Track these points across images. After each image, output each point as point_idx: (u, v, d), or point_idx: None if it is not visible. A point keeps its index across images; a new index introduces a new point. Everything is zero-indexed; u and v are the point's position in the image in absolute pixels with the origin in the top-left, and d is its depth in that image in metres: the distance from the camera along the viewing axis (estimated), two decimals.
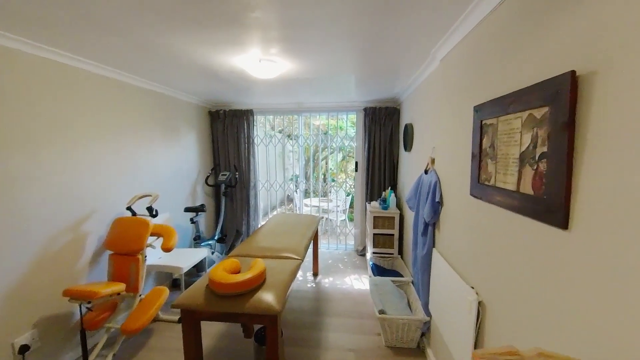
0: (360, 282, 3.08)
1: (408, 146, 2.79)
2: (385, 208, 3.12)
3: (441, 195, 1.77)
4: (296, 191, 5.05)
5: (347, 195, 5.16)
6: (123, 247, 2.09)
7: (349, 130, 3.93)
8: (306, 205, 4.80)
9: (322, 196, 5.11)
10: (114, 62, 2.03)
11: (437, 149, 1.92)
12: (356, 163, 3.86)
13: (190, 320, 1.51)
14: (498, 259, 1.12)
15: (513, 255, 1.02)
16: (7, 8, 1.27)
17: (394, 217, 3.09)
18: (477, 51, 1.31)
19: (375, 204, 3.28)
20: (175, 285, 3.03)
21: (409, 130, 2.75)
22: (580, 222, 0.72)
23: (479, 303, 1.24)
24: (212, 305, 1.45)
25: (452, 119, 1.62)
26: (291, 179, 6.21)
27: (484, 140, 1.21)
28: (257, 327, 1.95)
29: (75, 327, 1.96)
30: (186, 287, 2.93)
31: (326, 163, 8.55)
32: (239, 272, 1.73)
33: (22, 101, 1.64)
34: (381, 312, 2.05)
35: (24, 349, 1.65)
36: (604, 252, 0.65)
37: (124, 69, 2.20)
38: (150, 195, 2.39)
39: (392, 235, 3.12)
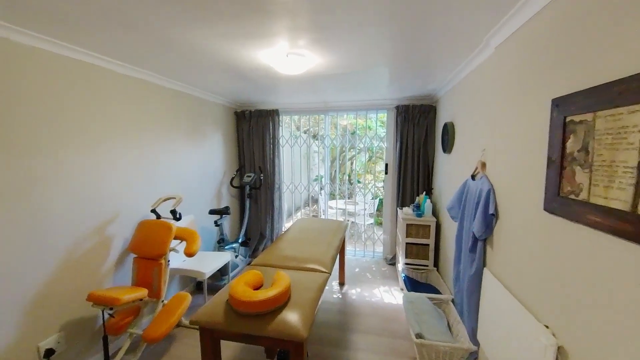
0: (390, 295, 2.83)
1: (447, 147, 2.50)
2: (420, 215, 2.84)
3: (496, 206, 1.50)
4: (321, 193, 4.88)
5: (374, 199, 4.90)
6: (146, 251, 2.04)
7: (378, 130, 3.69)
8: (331, 207, 4.61)
9: (347, 198, 4.91)
10: (137, 61, 1.98)
11: (490, 151, 1.64)
12: (386, 165, 3.60)
13: (209, 338, 1.39)
14: (590, 296, 0.85)
15: (617, 294, 0.76)
16: (30, 5, 1.21)
17: (429, 226, 2.81)
18: (558, 31, 1.04)
19: (408, 210, 3.01)
20: (199, 288, 2.99)
21: (448, 129, 2.46)
22: None
23: (558, 349, 0.97)
24: (233, 324, 1.31)
25: (514, 116, 1.35)
26: (315, 180, 6.06)
27: (570, 142, 0.95)
28: None
29: (99, 331, 1.93)
30: (209, 291, 2.87)
31: (351, 164, 8.32)
32: (261, 285, 1.59)
33: (47, 101, 1.62)
34: (419, 336, 1.81)
35: (49, 352, 1.63)
36: None
37: (149, 69, 2.15)
38: (174, 198, 2.33)
39: (427, 245, 2.84)
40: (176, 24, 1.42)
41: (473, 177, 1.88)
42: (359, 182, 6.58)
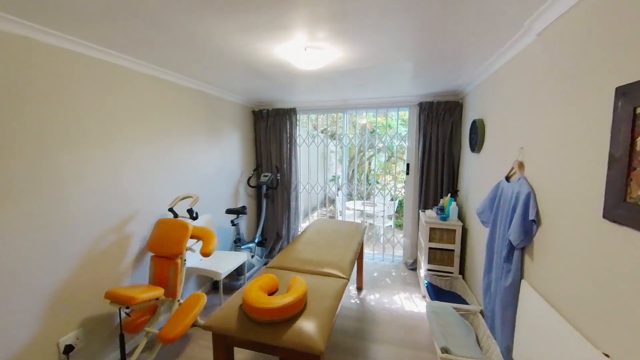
0: (412, 302, 2.68)
1: (476, 146, 2.32)
2: (444, 218, 2.67)
3: (537, 212, 1.33)
4: (338, 193, 4.78)
5: (392, 200, 4.72)
6: (163, 249, 2.03)
7: (399, 128, 3.53)
8: (348, 208, 4.49)
9: (365, 199, 4.76)
10: (156, 59, 1.97)
11: (530, 149, 1.47)
12: (407, 165, 3.43)
13: (222, 344, 1.33)
14: None
15: None
16: (57, 4, 1.21)
17: (454, 230, 2.63)
18: (625, 5, 0.88)
19: (431, 213, 2.84)
20: (215, 287, 2.98)
21: (478, 127, 2.28)
22: None
23: None
24: (246, 331, 1.24)
25: (563, 109, 1.18)
26: (332, 180, 5.95)
27: None
28: None
29: (117, 329, 1.94)
30: (225, 291, 2.85)
31: (369, 164, 8.13)
32: (276, 290, 1.51)
33: (71, 101, 1.63)
34: (444, 350, 1.66)
35: (68, 349, 1.64)
36: None
37: (169, 67, 2.14)
38: (191, 197, 2.32)
39: (452, 251, 2.66)
40: (193, 18, 1.37)
41: (508, 178, 1.71)
42: (377, 182, 6.41)
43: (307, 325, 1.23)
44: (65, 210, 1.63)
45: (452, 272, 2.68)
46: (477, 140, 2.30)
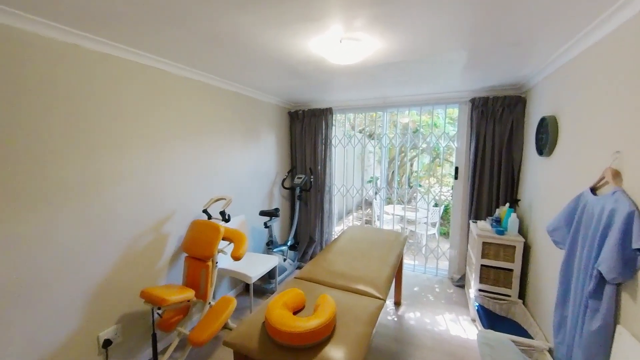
0: (458, 325, 2.35)
1: (546, 149, 1.93)
2: (501, 232, 2.29)
3: None
4: (376, 197, 4.52)
5: (435, 206, 4.31)
6: (196, 251, 2.04)
7: (447, 127, 3.17)
8: (387, 213, 4.21)
9: (406, 204, 4.43)
10: (191, 61, 1.97)
11: (630, 154, 1.12)
12: (456, 168, 3.07)
13: None
14: None
15: None
16: (101, 11, 1.23)
17: (514, 247, 2.24)
18: None
19: (484, 224, 2.47)
20: (248, 289, 2.98)
21: (548, 125, 1.89)
22: None
23: None
24: (268, 354, 1.13)
25: None
26: (369, 182, 5.67)
27: None
28: None
29: (152, 327, 2.00)
30: (257, 294, 2.83)
31: (411, 165, 7.64)
32: (302, 308, 1.38)
33: (114, 104, 1.70)
34: None
35: (107, 343, 1.72)
36: None
37: (204, 69, 2.15)
38: (225, 199, 2.31)
39: (511, 271, 2.27)
40: (221, 13, 1.31)
41: (594, 190, 1.35)
42: (419, 186, 5.96)
43: (335, 355, 1.07)
44: (109, 210, 1.70)
45: (509, 296, 2.29)
46: (547, 142, 1.91)
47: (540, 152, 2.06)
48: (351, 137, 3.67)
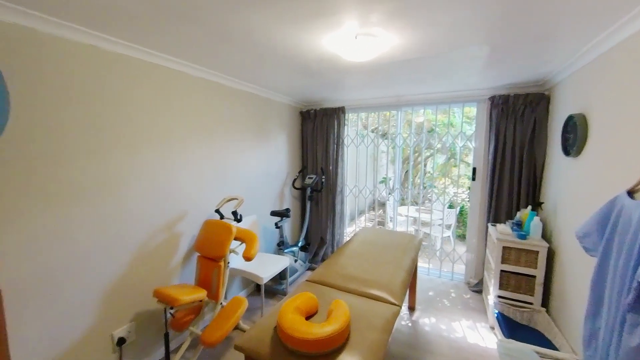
0: (476, 333, 2.25)
1: (574, 149, 1.81)
2: (523, 236, 2.18)
3: None
4: (389, 198, 4.43)
5: (451, 208, 4.18)
6: (208, 250, 2.03)
7: (464, 126, 3.06)
8: (400, 214, 4.12)
9: (421, 204, 4.32)
10: (203, 60, 1.96)
11: None
12: (474, 169, 2.95)
13: None
14: None
15: None
16: (119, 13, 1.24)
17: (537, 252, 2.12)
18: None
19: (504, 227, 2.36)
20: (259, 289, 2.96)
21: (576, 124, 1.77)
22: None
23: None
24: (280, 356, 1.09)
25: None
26: (381, 182, 5.56)
27: None
28: None
29: (164, 326, 2.01)
30: (268, 295, 2.81)
31: (424, 166, 7.47)
32: (315, 312, 1.34)
33: (127, 105, 1.71)
34: None
35: (121, 341, 1.73)
36: None
37: (216, 69, 2.14)
38: (237, 199, 2.30)
39: (533, 277, 2.16)
40: (234, 10, 1.28)
41: (631, 193, 1.25)
42: (433, 187, 5.81)
43: (352, 355, 1.03)
44: (123, 209, 1.72)
45: (531, 303, 2.17)
46: (575, 141, 1.79)
47: (567, 152, 1.94)
48: (364, 137, 3.60)
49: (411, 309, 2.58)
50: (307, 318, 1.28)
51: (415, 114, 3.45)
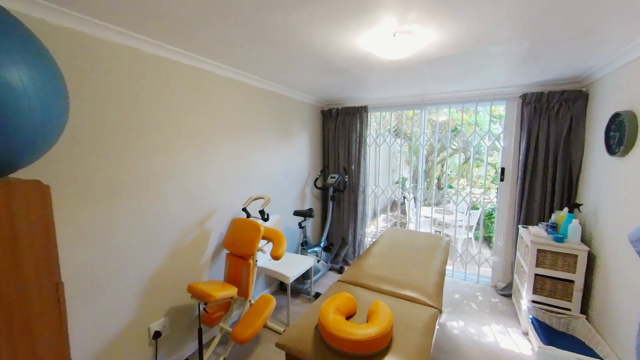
0: (509, 338, 2.18)
1: (621, 148, 1.72)
2: (560, 239, 2.09)
3: None
4: (412, 198, 4.35)
5: (475, 209, 4.07)
6: (237, 248, 2.06)
7: (490, 125, 2.97)
8: (426, 217, 4.04)
9: (436, 205, 4.23)
10: (236, 61, 1.99)
11: None
12: (502, 170, 2.86)
13: None
14: None
15: None
16: (156, 14, 1.26)
17: (576, 256, 2.03)
18: None
19: (538, 230, 2.27)
20: (282, 288, 2.98)
21: (624, 122, 1.68)
22: None
23: None
24: (323, 356, 1.08)
25: None
26: (397, 183, 5.48)
27: None
28: None
29: (195, 320, 2.04)
30: (291, 294, 2.82)
31: (442, 166, 7.32)
32: (354, 313, 1.32)
33: (164, 105, 1.74)
34: None
35: (157, 334, 1.77)
36: None
37: (246, 69, 2.16)
38: (263, 198, 2.32)
39: (572, 282, 2.06)
40: (275, 12, 1.28)
41: None
42: (450, 187, 5.68)
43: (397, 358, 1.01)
44: (161, 207, 1.76)
45: (569, 309, 2.08)
46: (622, 140, 1.70)
47: (611, 151, 1.84)
48: (385, 137, 3.56)
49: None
50: (347, 319, 1.27)
51: (439, 113, 3.38)
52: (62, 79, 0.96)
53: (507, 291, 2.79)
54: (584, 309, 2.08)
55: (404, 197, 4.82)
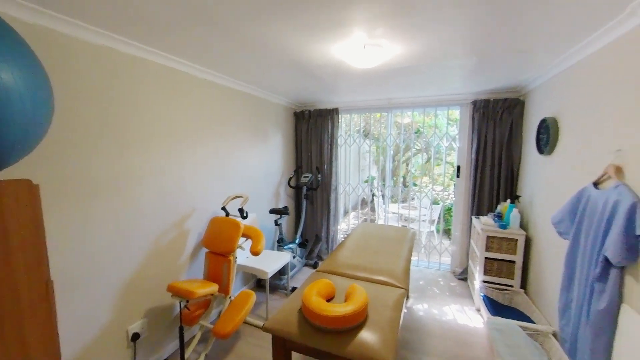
0: (465, 315, 2.49)
1: (547, 148, 2.08)
2: (504, 226, 2.44)
3: None
4: (381, 196, 4.64)
5: (436, 204, 4.47)
6: (217, 246, 2.09)
7: (448, 128, 3.32)
8: (394, 212, 4.34)
9: (402, 202, 4.56)
10: (215, 64, 2.03)
11: (632, 152, 1.26)
12: (458, 167, 3.22)
13: (281, 348, 1.31)
14: None
15: None
16: (137, 16, 1.28)
17: (516, 240, 2.39)
18: None
19: (487, 219, 2.62)
20: (259, 285, 3.04)
21: (549, 126, 2.04)
22: None
23: None
24: (307, 338, 1.21)
25: None
26: (366, 181, 5.78)
27: None
28: None
29: (174, 321, 2.04)
30: (270, 290, 2.89)
31: (407, 165, 7.83)
32: (333, 297, 1.47)
33: (143, 106, 1.74)
34: None
35: (135, 336, 1.75)
36: None
37: (224, 71, 2.21)
38: (241, 197, 2.37)
39: (513, 262, 2.42)
40: (257, 23, 1.38)
41: (596, 185, 1.49)
42: (414, 185, 6.13)
43: (372, 338, 1.17)
44: (137, 207, 1.74)
45: (511, 286, 2.44)
46: (548, 141, 2.06)
47: (540, 151, 2.21)
48: (355, 138, 3.77)
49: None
50: (327, 301, 1.40)
51: (404, 116, 3.68)
52: (48, 79, 0.97)
53: (463, 275, 3.14)
54: (523, 284, 2.45)
55: (373, 195, 5.12)
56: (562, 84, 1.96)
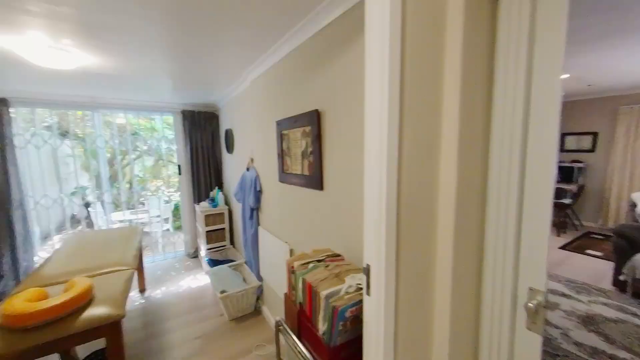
0: (196, 280, 3.16)
1: (230, 149, 3.20)
2: (215, 206, 3.37)
3: (261, 185, 2.34)
4: (99, 206, 4.08)
5: (167, 203, 4.81)
6: None
7: (165, 131, 3.75)
8: (121, 221, 4.03)
9: (132, 208, 4.40)
10: None
11: (255, 150, 2.47)
12: (179, 166, 3.78)
13: None
14: (295, 216, 1.80)
15: (300, 209, 1.71)
16: None
17: (223, 213, 3.41)
18: (276, 81, 1.94)
19: (204, 204, 3.44)
20: None
21: (229, 134, 3.16)
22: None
23: (291, 251, 1.89)
24: (16, 343, 1.19)
25: (263, 129, 2.22)
26: (74, 193, 4.66)
27: (283, 144, 1.86)
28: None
29: None
30: None
31: (131, 169, 7.18)
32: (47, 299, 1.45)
33: None
34: (222, 292, 2.36)
35: None
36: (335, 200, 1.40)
37: None
38: None
39: (223, 229, 3.44)
40: None
41: (248, 169, 2.68)
42: (142, 189, 5.92)
43: (99, 307, 1.40)
44: None
45: (225, 245, 3.46)
46: (230, 144, 3.17)
47: (228, 151, 3.33)
48: (47, 137, 3.09)
49: (142, 291, 2.94)
50: None
51: (116, 117, 3.58)
52: None
53: (196, 253, 3.83)
54: (232, 241, 3.57)
55: (88, 205, 4.37)
56: (232, 106, 3.12)
